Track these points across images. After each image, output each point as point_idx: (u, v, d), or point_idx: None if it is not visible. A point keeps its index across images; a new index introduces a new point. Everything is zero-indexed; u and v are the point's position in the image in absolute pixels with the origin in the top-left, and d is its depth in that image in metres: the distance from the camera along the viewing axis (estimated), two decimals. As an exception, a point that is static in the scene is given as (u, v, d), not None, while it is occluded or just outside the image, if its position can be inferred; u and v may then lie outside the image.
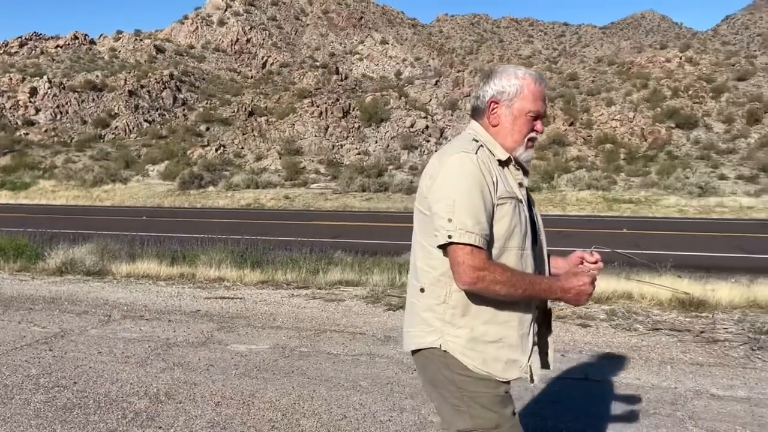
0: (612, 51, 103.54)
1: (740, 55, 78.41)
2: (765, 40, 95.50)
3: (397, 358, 4.68)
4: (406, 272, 8.44)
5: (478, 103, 2.02)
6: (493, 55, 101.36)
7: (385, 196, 27.36)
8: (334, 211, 23.47)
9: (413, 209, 2.04)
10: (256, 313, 6.16)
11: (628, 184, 33.34)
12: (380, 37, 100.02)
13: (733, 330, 5.50)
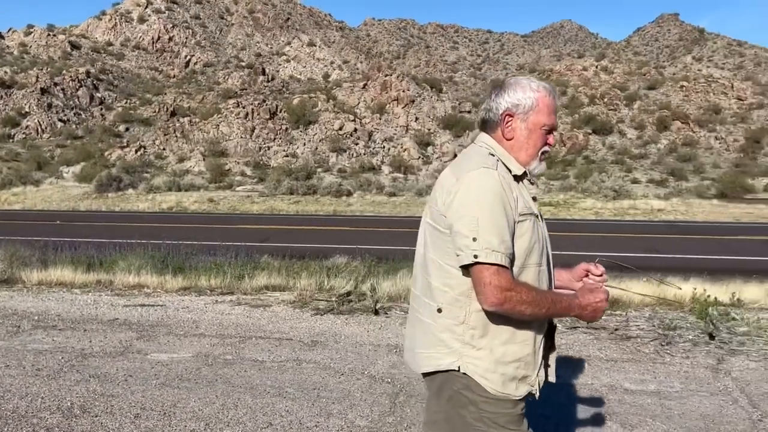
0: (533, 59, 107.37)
1: (650, 66, 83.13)
2: (672, 51, 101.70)
3: (324, 363, 4.65)
4: (334, 276, 8.44)
5: (491, 116, 1.96)
6: (419, 60, 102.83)
7: (314, 199, 27.21)
8: (261, 214, 23.10)
9: (423, 223, 1.98)
10: (178, 320, 5.97)
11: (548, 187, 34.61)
12: (308, 39, 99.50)
13: (644, 327, 5.80)
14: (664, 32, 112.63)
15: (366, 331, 5.54)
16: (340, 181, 31.26)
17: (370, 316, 6.11)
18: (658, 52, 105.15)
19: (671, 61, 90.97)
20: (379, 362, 4.68)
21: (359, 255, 10.67)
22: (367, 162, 52.54)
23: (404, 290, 7.08)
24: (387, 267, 9.78)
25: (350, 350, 4.98)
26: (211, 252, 10.23)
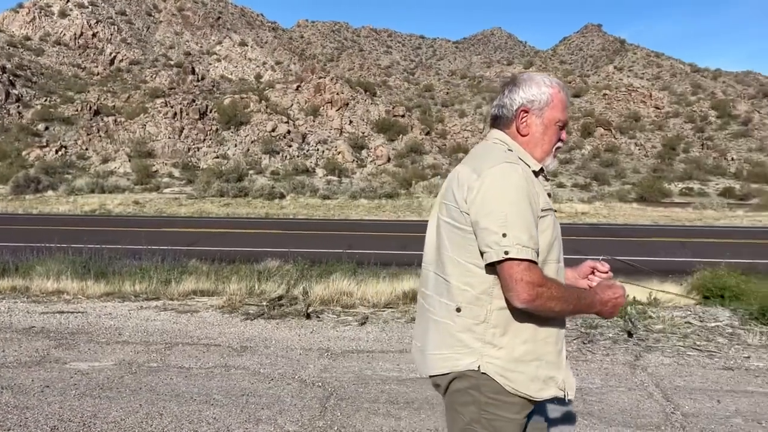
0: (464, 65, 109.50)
1: (575, 74, 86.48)
2: (596, 61, 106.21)
3: (254, 368, 4.57)
4: (265, 280, 8.32)
5: (504, 112, 1.92)
6: (353, 63, 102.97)
7: (245, 202, 26.70)
8: (190, 217, 22.47)
9: (435, 222, 1.94)
10: (99, 327, 5.73)
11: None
12: (239, 39, 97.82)
13: (568, 326, 6.00)
14: (588, 42, 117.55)
15: (297, 336, 5.49)
16: (272, 183, 30.83)
17: (301, 320, 6.06)
18: (583, 61, 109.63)
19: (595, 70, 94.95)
20: (310, 366, 4.64)
21: (292, 258, 10.58)
22: (301, 164, 52.12)
23: (337, 293, 7.07)
24: (320, 270, 9.74)
25: (281, 355, 4.92)
26: (136, 256, 9.87)
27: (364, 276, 8.95)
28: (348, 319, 6.12)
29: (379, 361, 4.81)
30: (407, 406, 3.91)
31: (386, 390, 4.17)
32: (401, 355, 4.96)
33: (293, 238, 15.64)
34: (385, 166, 54.29)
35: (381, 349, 5.12)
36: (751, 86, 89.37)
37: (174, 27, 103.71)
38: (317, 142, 58.60)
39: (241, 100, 62.91)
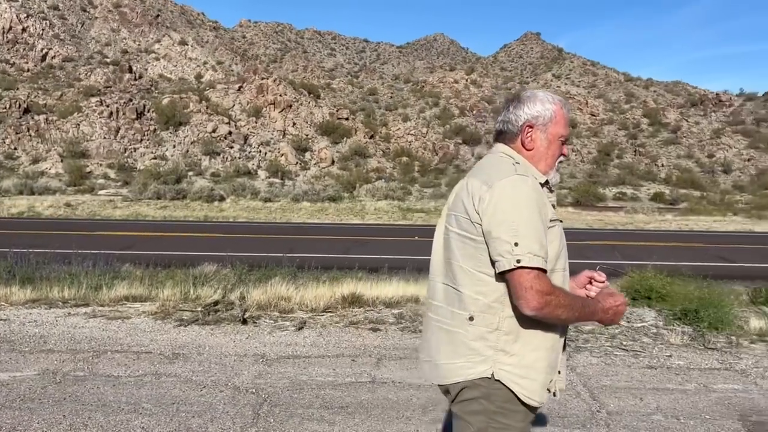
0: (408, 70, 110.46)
1: (515, 81, 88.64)
2: (535, 68, 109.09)
3: (186, 376, 4.47)
4: (201, 285, 8.16)
5: (509, 127, 1.99)
6: (297, 65, 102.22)
7: (183, 204, 26.05)
8: (125, 220, 21.77)
9: (443, 232, 1.98)
10: (23, 335, 5.48)
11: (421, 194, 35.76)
12: (179, 38, 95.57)
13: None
14: (527, 50, 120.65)
15: (232, 342, 5.41)
16: (212, 185, 30.21)
17: (237, 325, 5.97)
18: (522, 68, 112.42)
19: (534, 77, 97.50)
20: (245, 373, 4.58)
21: (230, 263, 10.41)
22: (243, 166, 51.34)
23: (275, 298, 6.99)
24: (259, 275, 9.62)
25: (214, 362, 4.83)
26: (66, 261, 9.48)
27: (305, 280, 8.90)
28: (285, 324, 6.07)
29: (316, 366, 4.79)
30: (341, 411, 3.92)
31: (321, 395, 4.17)
32: (338, 360, 4.96)
33: (232, 241, 15.38)
34: (329, 169, 54.13)
35: (318, 354, 5.10)
36: (680, 96, 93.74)
37: (110, 24, 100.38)
38: (259, 144, 57.87)
39: (180, 100, 61.47)
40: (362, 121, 65.24)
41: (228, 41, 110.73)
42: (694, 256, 14.54)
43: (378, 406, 4.00)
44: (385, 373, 4.66)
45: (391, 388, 4.37)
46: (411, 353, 5.19)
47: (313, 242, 15.58)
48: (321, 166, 55.67)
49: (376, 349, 5.30)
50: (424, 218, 24.40)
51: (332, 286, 8.03)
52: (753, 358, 5.24)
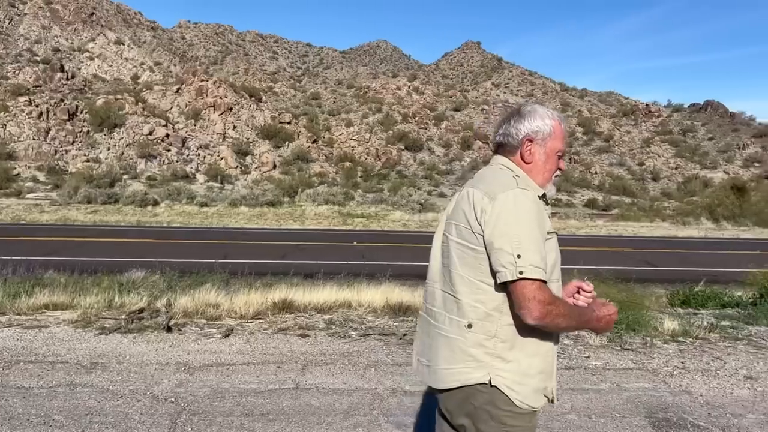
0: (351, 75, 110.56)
1: (456, 89, 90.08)
2: (475, 77, 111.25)
3: (103, 386, 4.34)
4: (127, 292, 7.93)
5: (509, 140, 2.04)
6: (238, 67, 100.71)
7: (115, 209, 25.18)
8: (52, 224, 20.86)
9: (442, 240, 2.03)
10: (-73, 347, 5.19)
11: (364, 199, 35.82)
12: (115, 37, 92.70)
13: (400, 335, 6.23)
14: (468, 58, 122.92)
15: (155, 350, 5.28)
16: (145, 189, 29.32)
17: (161, 333, 5.83)
18: (463, 76, 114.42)
19: (474, 85, 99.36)
20: (165, 381, 4.48)
21: (160, 269, 10.16)
22: (181, 170, 50.18)
23: (203, 305, 6.86)
24: (190, 281, 9.43)
25: (134, 371, 4.71)
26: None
27: (238, 286, 8.78)
28: (212, 332, 5.97)
29: (240, 373, 4.74)
30: (262, 418, 3.89)
31: (242, 402, 4.12)
32: (263, 367, 4.91)
33: (165, 247, 15.01)
34: (271, 173, 53.53)
35: (243, 362, 5.04)
36: (612, 105, 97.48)
37: (41, 20, 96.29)
38: (198, 147, 56.70)
39: (115, 101, 59.57)
40: (305, 125, 64.90)
41: (166, 42, 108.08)
42: (621, 260, 15.13)
43: (299, 413, 3.99)
44: (310, 380, 4.65)
45: (314, 393, 4.36)
46: (339, 358, 5.20)
47: (250, 248, 15.37)
48: (262, 171, 55.02)
49: (303, 356, 5.28)
50: (365, 223, 24.46)
51: (265, 292, 7.95)
52: (664, 358, 5.50)
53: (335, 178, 54.27)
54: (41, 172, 47.00)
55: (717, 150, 71.15)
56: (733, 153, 69.84)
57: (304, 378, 4.69)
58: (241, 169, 54.37)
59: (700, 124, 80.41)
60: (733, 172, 61.64)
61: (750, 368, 5.22)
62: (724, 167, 64.90)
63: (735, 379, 4.96)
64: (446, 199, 45.07)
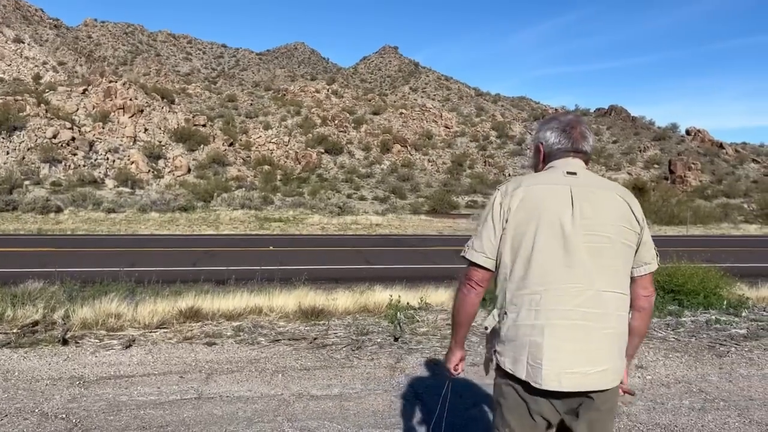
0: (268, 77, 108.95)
1: (375, 93, 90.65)
2: (393, 81, 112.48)
3: (-15, 405, 4.05)
4: (21, 304, 7.45)
5: (591, 151, 2.28)
6: (149, 68, 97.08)
7: (13, 216, 23.60)
8: (-59, 234, 19.32)
9: (603, 239, 2.06)
10: None
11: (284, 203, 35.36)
12: (13, 34, 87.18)
13: (341, 334, 6.22)
14: (386, 63, 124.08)
15: (47, 365, 4.99)
16: (46, 195, 27.65)
17: (57, 347, 5.52)
18: (381, 80, 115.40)
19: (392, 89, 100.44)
20: (57, 397, 4.24)
21: (60, 279, 9.63)
22: (88, 174, 47.78)
23: (104, 316, 6.55)
24: (93, 291, 8.98)
25: (23, 387, 4.43)
26: None
27: (145, 295, 8.46)
28: (112, 343, 5.70)
29: (139, 385, 4.55)
30: (160, 430, 3.75)
31: (140, 415, 3.96)
32: (165, 377, 4.74)
33: (68, 256, 14.23)
34: (185, 177, 51.90)
35: (143, 373, 4.85)
36: (524, 110, 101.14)
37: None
38: (107, 151, 54.22)
39: (15, 102, 55.97)
40: (221, 128, 63.43)
41: (71, 41, 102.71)
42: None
43: (201, 422, 3.88)
44: (214, 388, 4.54)
45: (217, 403, 4.26)
46: (246, 365, 5.10)
47: (159, 255, 14.81)
48: (176, 174, 53.29)
49: (208, 364, 5.14)
50: (282, 227, 24.13)
51: (172, 300, 7.69)
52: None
53: (254, 181, 53.32)
54: (-70, 178, 43.59)
55: (621, 152, 75.33)
56: (635, 155, 74.15)
57: (208, 387, 4.56)
58: (153, 173, 52.45)
59: (605, 128, 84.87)
60: (635, 173, 65.47)
61: (640, 358, 5.53)
62: (627, 169, 68.80)
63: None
64: (368, 202, 45.21)
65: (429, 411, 4.17)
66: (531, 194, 2.07)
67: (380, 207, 32.20)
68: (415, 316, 7.01)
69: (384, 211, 30.64)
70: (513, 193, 2.09)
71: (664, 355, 5.66)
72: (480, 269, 2.12)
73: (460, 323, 2.22)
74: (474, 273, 2.13)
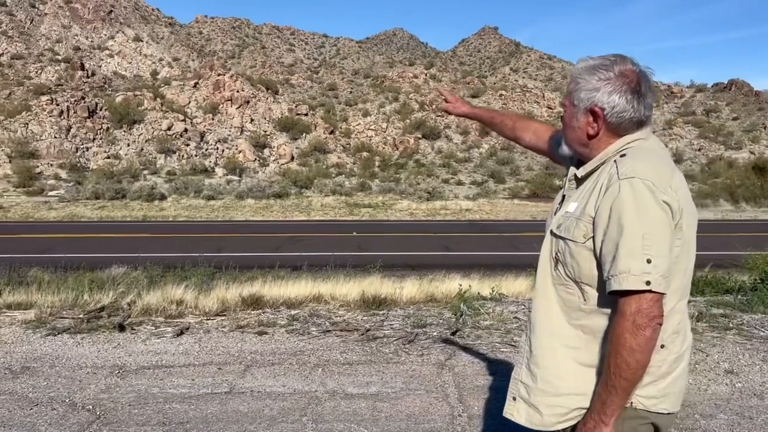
0: (367, 64, 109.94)
1: (474, 75, 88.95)
2: (493, 62, 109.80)
3: (23, 393, 4.09)
4: (99, 289, 7.72)
5: None
6: (255, 60, 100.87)
7: (122, 204, 25.19)
8: (59, 222, 20.93)
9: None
10: None
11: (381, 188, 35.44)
12: (133, 34, 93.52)
13: (396, 326, 5.88)
14: (485, 44, 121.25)
15: (96, 352, 5.02)
16: (152, 184, 29.29)
17: (113, 333, 5.58)
18: (481, 62, 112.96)
19: (492, 71, 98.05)
20: (92, 387, 4.21)
21: (144, 264, 10.01)
22: (200, 164, 50.44)
23: (167, 302, 6.62)
24: (174, 276, 9.26)
25: (63, 375, 4.45)
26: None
27: (222, 280, 8.59)
28: (166, 331, 5.70)
29: (174, 377, 4.45)
30: (179, 427, 3.59)
31: (164, 410, 3.83)
32: (203, 369, 4.62)
33: (162, 241, 14.88)
34: (288, 165, 53.47)
35: (184, 363, 4.76)
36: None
37: (61, 20, 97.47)
38: (216, 141, 56.96)
39: (134, 97, 60.06)
40: (322, 116, 64.70)
41: (184, 37, 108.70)
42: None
43: (221, 420, 3.69)
44: (248, 382, 4.35)
45: (246, 398, 4.06)
46: (288, 358, 4.90)
47: (246, 240, 15.16)
48: (280, 163, 55.03)
49: (251, 355, 4.98)
50: (371, 213, 24.11)
51: (242, 286, 7.72)
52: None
53: (353, 168, 54.00)
54: (63, 169, 47.63)
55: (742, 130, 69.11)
56: (758, 132, 67.79)
57: (243, 381, 4.39)
58: (259, 161, 54.48)
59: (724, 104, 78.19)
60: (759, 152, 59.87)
61: (733, 361, 4.77)
62: (750, 147, 63.07)
63: (714, 373, 4.53)
64: (465, 187, 44.41)
65: (470, 417, 3.75)
66: (682, 182, 1.64)
67: (470, 191, 31.39)
68: (482, 308, 6.53)
69: (475, 195, 29.84)
70: (678, 185, 1.61)
71: (763, 359, 4.85)
72: (661, 298, 1.55)
73: (635, 381, 1.57)
74: (659, 306, 1.54)
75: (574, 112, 1.76)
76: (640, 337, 1.51)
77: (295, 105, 65.39)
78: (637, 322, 1.52)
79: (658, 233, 1.52)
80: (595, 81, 1.68)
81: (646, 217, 1.52)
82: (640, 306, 1.52)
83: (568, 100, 1.77)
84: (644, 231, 1.52)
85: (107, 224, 20.07)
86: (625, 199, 1.54)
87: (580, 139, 1.77)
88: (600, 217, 1.61)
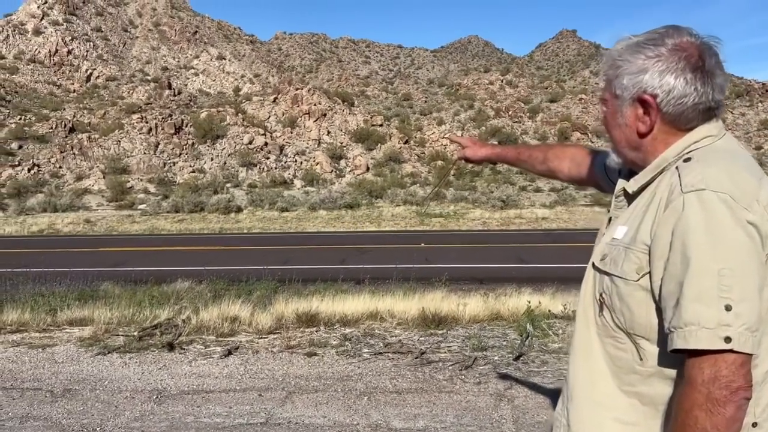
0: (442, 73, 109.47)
1: (552, 80, 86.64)
2: (572, 66, 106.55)
3: (57, 419, 3.95)
4: (159, 304, 7.69)
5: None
6: (332, 74, 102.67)
7: (200, 217, 25.92)
8: (140, 235, 21.74)
9: None
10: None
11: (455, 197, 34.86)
12: (217, 53, 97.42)
13: (455, 348, 5.44)
14: (563, 48, 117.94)
15: (140, 373, 4.88)
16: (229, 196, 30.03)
17: (162, 353, 5.45)
18: (559, 66, 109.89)
19: (571, 75, 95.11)
20: (126, 413, 4.03)
21: (208, 278, 10.01)
22: (279, 176, 51.60)
23: (221, 319, 6.47)
24: (238, 289, 9.18)
25: (102, 400, 4.30)
26: (44, 280, 9.24)
27: (285, 294, 8.42)
28: (215, 350, 5.51)
29: (212, 403, 4.20)
30: (205, 462, 3.32)
31: None
32: (243, 395, 4.36)
33: (233, 254, 15.02)
34: (364, 176, 53.80)
35: (225, 388, 4.52)
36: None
37: (150, 42, 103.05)
38: (295, 154, 58.22)
39: (217, 113, 62.39)
40: (396, 126, 64.81)
41: (264, 54, 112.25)
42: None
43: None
44: (287, 411, 4.04)
45: (280, 431, 3.75)
46: (333, 384, 4.56)
47: (313, 252, 15.06)
48: (356, 173, 55.48)
49: (295, 380, 4.68)
50: (443, 223, 23.58)
51: (300, 301, 7.49)
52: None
53: (427, 177, 53.64)
54: (152, 184, 49.95)
55: None
56: None
57: (282, 410, 4.08)
58: (335, 173, 55.17)
59: (830, 100, 72.18)
60: None
61: None
62: None
63: None
64: (543, 194, 42.98)
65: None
66: None
67: (548, 199, 30.16)
68: (551, 328, 5.96)
69: (552, 203, 28.64)
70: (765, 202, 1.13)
71: None
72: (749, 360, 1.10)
73: None
74: (746, 371, 1.09)
75: (617, 106, 1.29)
76: (718, 416, 1.06)
77: (370, 116, 65.88)
78: (714, 396, 1.06)
79: (741, 268, 1.07)
80: (641, 61, 1.22)
81: (723, 244, 1.07)
82: (717, 372, 1.06)
83: (609, 92, 1.30)
84: (720, 265, 1.06)
85: (184, 237, 20.62)
86: (692, 220, 1.09)
87: (629, 140, 1.30)
88: (658, 246, 1.14)
